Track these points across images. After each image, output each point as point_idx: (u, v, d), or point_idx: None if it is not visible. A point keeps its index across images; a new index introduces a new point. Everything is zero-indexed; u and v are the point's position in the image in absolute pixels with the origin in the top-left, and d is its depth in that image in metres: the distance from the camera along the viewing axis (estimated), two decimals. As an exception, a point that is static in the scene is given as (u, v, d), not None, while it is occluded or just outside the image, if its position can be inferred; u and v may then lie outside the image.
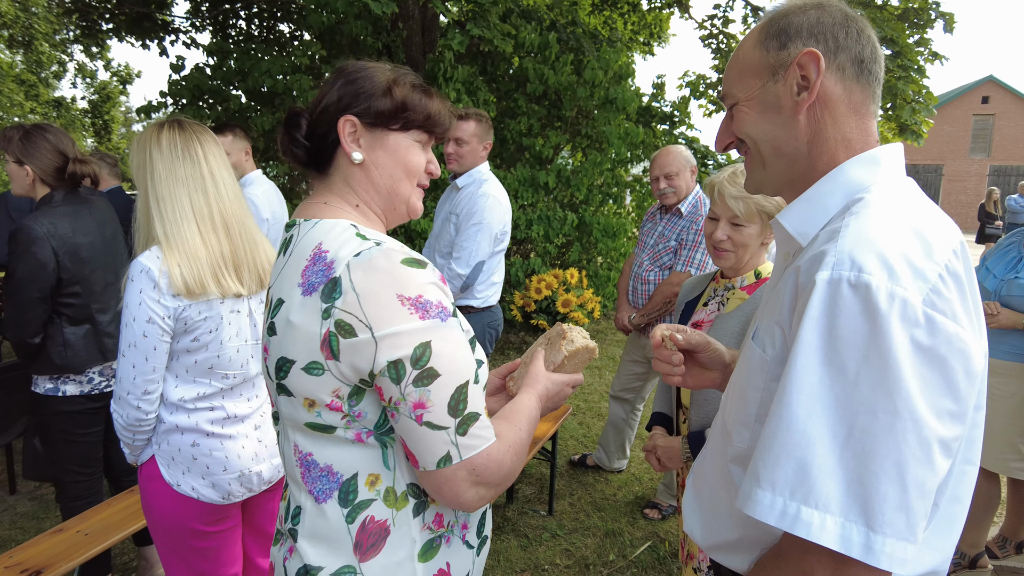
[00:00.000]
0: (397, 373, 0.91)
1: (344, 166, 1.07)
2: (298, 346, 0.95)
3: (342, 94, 1.04)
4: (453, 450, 0.94)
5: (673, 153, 3.23)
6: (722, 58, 10.74)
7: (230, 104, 6.41)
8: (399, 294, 0.91)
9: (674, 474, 3.57)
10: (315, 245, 0.98)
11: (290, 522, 1.04)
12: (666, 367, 1.21)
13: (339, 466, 0.99)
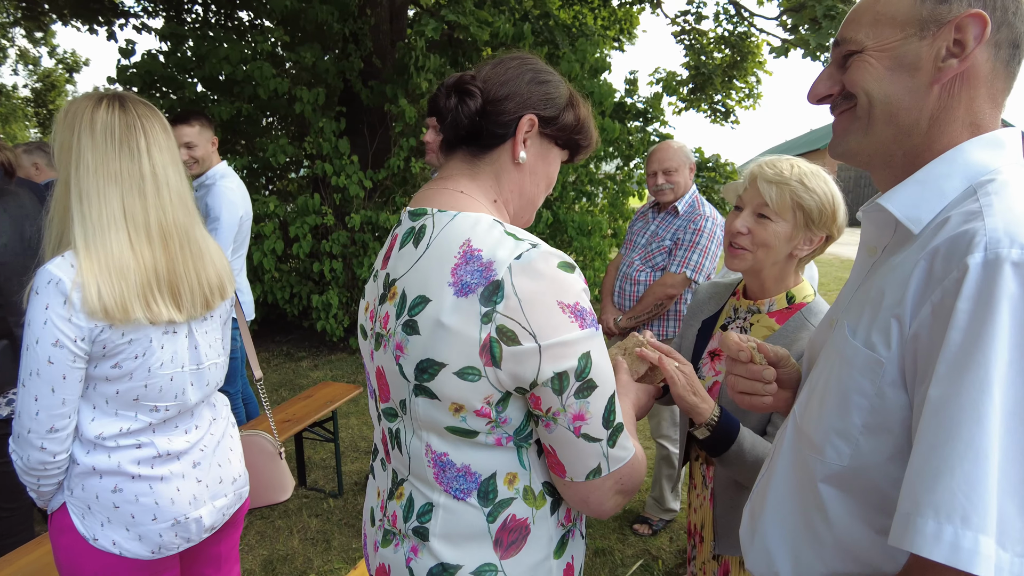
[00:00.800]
0: (560, 384, 0.89)
1: (503, 161, 1.02)
2: (452, 349, 0.89)
3: (532, 91, 1.00)
4: (604, 463, 0.94)
5: (673, 148, 3.00)
6: (694, 55, 10.66)
7: (185, 92, 6.01)
8: (560, 301, 0.88)
9: (664, 486, 3.40)
10: (463, 241, 0.92)
11: (415, 521, 1.00)
12: (754, 386, 1.03)
13: (477, 466, 0.97)
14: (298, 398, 3.54)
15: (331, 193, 5.94)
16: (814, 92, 0.90)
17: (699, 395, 1.34)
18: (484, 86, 1.00)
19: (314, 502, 3.51)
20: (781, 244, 1.46)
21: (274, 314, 6.79)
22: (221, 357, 1.53)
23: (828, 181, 1.44)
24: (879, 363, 0.78)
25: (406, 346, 0.94)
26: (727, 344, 1.05)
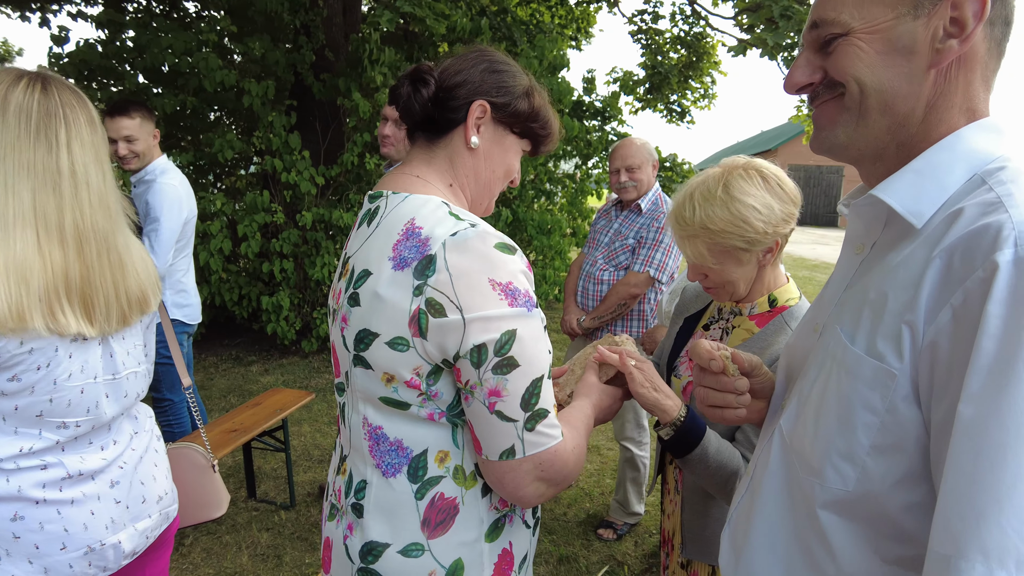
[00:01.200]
0: (479, 357, 0.91)
1: (456, 145, 1.07)
2: (385, 320, 0.93)
3: (485, 79, 1.05)
4: (518, 444, 0.94)
5: (636, 144, 2.93)
6: (651, 55, 10.70)
7: (125, 84, 5.69)
8: (491, 278, 0.91)
9: (628, 490, 3.33)
10: (407, 220, 0.96)
11: (353, 496, 1.02)
12: (726, 398, 0.94)
13: (409, 441, 0.98)
14: (246, 406, 3.35)
15: (281, 190, 5.71)
16: (792, 81, 0.82)
17: (661, 391, 1.28)
18: (440, 76, 1.04)
19: (264, 515, 3.32)
20: (739, 272, 1.39)
21: (222, 316, 6.51)
22: (143, 365, 1.37)
23: (732, 203, 1.29)
24: (890, 375, 0.69)
25: (349, 318, 0.99)
26: (698, 352, 0.95)
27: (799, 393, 0.83)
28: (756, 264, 1.39)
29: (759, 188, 1.31)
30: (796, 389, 0.85)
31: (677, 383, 1.54)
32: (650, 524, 3.36)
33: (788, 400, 0.88)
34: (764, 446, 0.91)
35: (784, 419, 0.85)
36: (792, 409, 0.84)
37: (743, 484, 0.97)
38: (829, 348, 0.78)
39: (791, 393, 0.88)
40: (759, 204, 1.29)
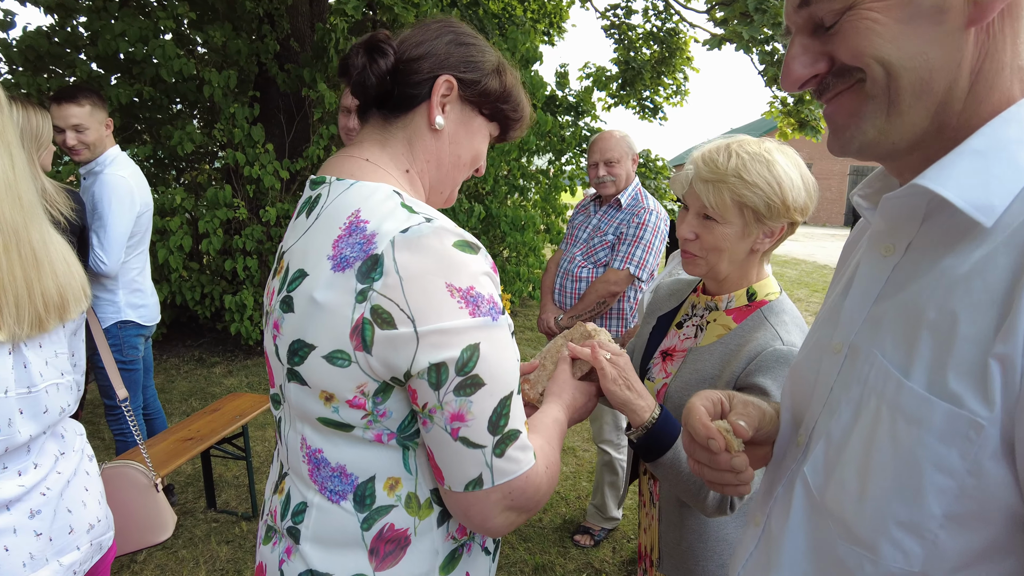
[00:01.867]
0: (438, 378, 0.79)
1: (417, 125, 0.94)
2: (322, 330, 0.81)
3: (451, 52, 0.93)
4: (486, 473, 0.82)
5: (615, 137, 2.82)
6: (623, 50, 10.65)
7: (76, 72, 5.41)
8: (448, 283, 0.78)
9: (606, 494, 3.23)
10: (351, 212, 0.84)
11: (290, 519, 0.91)
12: (723, 477, 0.78)
13: (354, 467, 0.86)
14: (203, 412, 3.17)
15: (244, 185, 5.49)
16: (792, 76, 0.67)
17: (634, 390, 1.19)
18: (399, 46, 0.92)
19: (224, 527, 3.14)
20: (734, 244, 1.30)
21: (184, 316, 6.26)
22: (68, 376, 1.22)
23: (773, 165, 1.24)
24: (974, 426, 0.55)
25: (282, 325, 0.86)
26: (692, 427, 0.79)
27: (827, 436, 0.69)
28: (751, 245, 1.30)
29: (794, 167, 1.27)
30: (820, 429, 0.71)
31: (650, 386, 1.44)
32: (628, 529, 3.26)
33: (808, 440, 0.74)
34: (780, 494, 0.77)
35: (810, 468, 0.70)
36: (818, 455, 0.69)
37: (750, 534, 0.83)
38: (869, 381, 0.64)
39: (812, 432, 0.73)
40: (793, 177, 1.25)
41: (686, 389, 1.33)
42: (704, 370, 1.32)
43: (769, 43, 5.67)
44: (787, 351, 1.22)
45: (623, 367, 1.18)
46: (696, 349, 1.38)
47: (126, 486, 1.55)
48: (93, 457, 1.33)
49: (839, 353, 0.71)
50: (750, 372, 1.23)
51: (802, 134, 7.50)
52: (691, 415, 0.80)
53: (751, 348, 1.25)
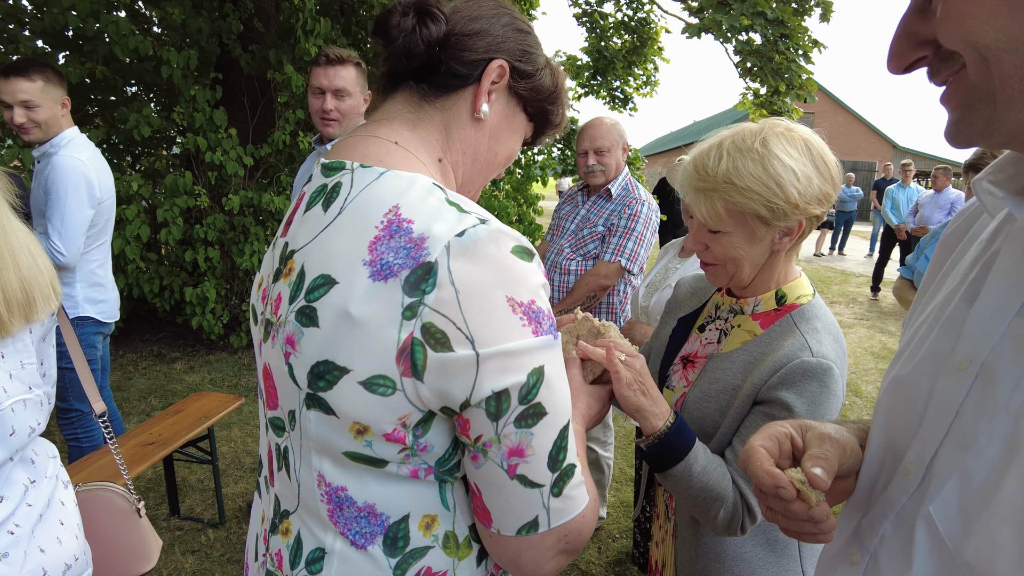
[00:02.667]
0: (498, 407, 0.67)
1: (459, 111, 0.82)
2: (359, 351, 0.66)
3: (508, 36, 0.82)
4: (542, 515, 0.72)
5: (606, 124, 2.70)
6: (595, 39, 10.55)
7: (20, 48, 5.06)
8: (510, 297, 0.66)
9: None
10: (388, 208, 0.69)
11: (304, 568, 0.77)
12: (802, 527, 0.68)
13: (384, 506, 0.74)
14: (166, 413, 2.96)
15: (205, 171, 5.23)
16: (897, 57, 0.59)
17: (649, 396, 1.09)
18: (451, 15, 0.79)
19: (189, 535, 2.95)
20: (747, 250, 1.18)
21: (142, 309, 5.96)
22: (36, 390, 1.05)
23: (768, 160, 1.09)
24: None
25: (299, 341, 0.72)
26: (755, 474, 0.68)
27: (962, 474, 0.58)
28: (769, 247, 1.18)
29: (801, 154, 1.11)
30: (948, 463, 0.60)
31: (669, 395, 1.34)
32: (613, 528, 3.18)
33: (927, 473, 0.63)
34: (888, 533, 0.66)
35: (938, 510, 0.59)
36: (950, 497, 0.58)
37: (846, 572, 0.71)
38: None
39: (932, 464, 0.62)
40: (798, 169, 1.10)
41: (705, 400, 1.23)
42: (725, 379, 1.21)
43: (745, 33, 5.62)
44: (815, 364, 1.10)
45: (639, 370, 1.08)
46: (717, 356, 1.26)
47: (104, 512, 1.37)
48: (69, 483, 1.16)
49: (964, 371, 0.60)
50: (773, 385, 1.12)
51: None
52: (751, 460, 0.69)
53: (777, 358, 1.14)
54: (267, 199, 5.06)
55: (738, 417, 1.16)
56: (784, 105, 7.19)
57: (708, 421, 1.21)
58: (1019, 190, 0.61)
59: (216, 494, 3.09)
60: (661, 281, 2.36)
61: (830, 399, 1.11)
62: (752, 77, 6.43)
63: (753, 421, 1.14)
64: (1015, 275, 0.59)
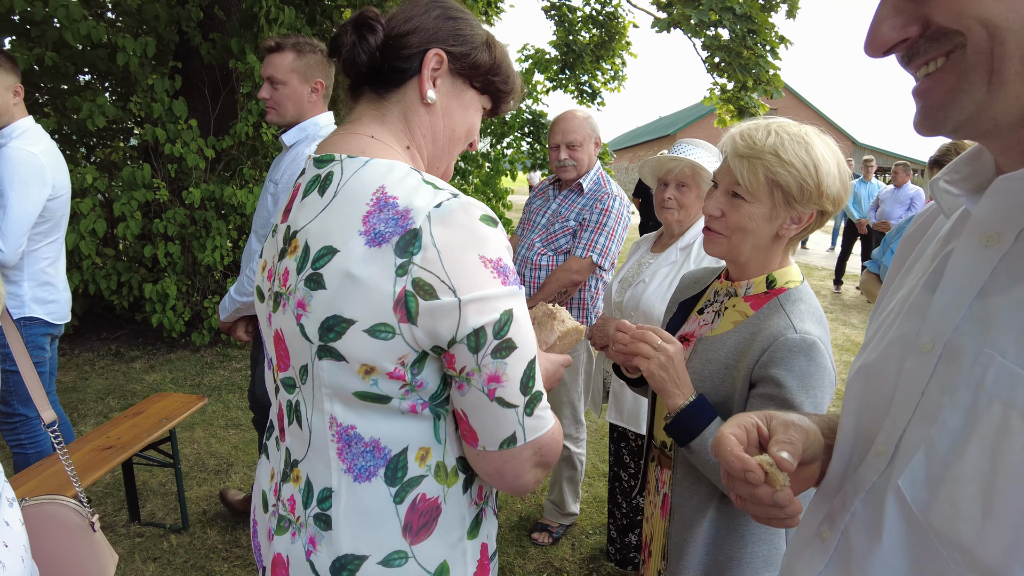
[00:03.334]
0: (477, 341, 0.83)
1: (410, 101, 0.96)
2: (362, 304, 0.81)
3: (440, 26, 0.95)
4: (519, 431, 0.88)
5: (578, 119, 2.66)
6: (563, 32, 10.53)
7: (-37, 34, 4.82)
8: (481, 255, 0.83)
9: (564, 489, 3.13)
10: (375, 188, 0.85)
11: (316, 507, 0.90)
12: (768, 512, 0.72)
13: (387, 440, 0.88)
14: (125, 415, 2.85)
15: (165, 164, 5.06)
16: (879, 39, 0.58)
17: (672, 377, 1.25)
18: (388, 22, 0.94)
19: (151, 541, 2.85)
20: (760, 226, 1.27)
21: (99, 307, 5.75)
22: None
23: (812, 147, 1.22)
24: None
25: (309, 303, 0.85)
26: (724, 459, 0.72)
27: (927, 446, 0.60)
28: (776, 230, 1.28)
29: (832, 154, 1.25)
30: (915, 437, 0.62)
31: None
32: (587, 524, 3.17)
33: (895, 450, 0.65)
34: (859, 509, 0.68)
35: (906, 482, 0.62)
36: (918, 468, 0.61)
37: (814, 550, 0.74)
38: (986, 385, 0.56)
39: (900, 441, 0.65)
40: (832, 166, 1.23)
41: (700, 380, 1.30)
42: (717, 360, 1.30)
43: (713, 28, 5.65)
44: (799, 340, 1.19)
45: (671, 355, 1.25)
46: (707, 338, 1.35)
47: (54, 528, 1.29)
48: (14, 500, 1.08)
49: (929, 353, 0.63)
50: (763, 364, 1.21)
51: (740, 119, 7.60)
52: (721, 446, 0.73)
53: (763, 338, 1.23)
54: (229, 192, 4.92)
55: (741, 401, 1.24)
56: (751, 101, 7.27)
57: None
58: (975, 188, 0.64)
59: (179, 498, 2.99)
60: (635, 276, 2.34)
61: (821, 373, 1.19)
62: (720, 73, 6.47)
63: (754, 406, 1.22)
64: (972, 262, 0.62)
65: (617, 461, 2.43)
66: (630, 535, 2.42)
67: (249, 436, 3.90)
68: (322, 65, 2.35)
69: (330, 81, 2.40)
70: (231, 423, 4.11)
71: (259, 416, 2.81)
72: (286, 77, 2.30)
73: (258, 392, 2.52)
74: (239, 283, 2.31)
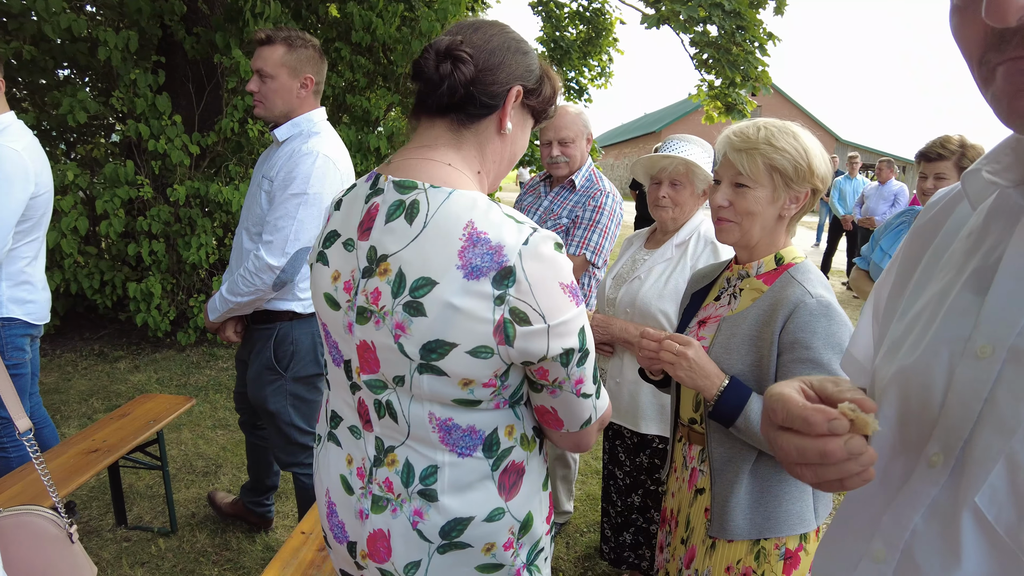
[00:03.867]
0: (567, 358, 0.99)
1: (488, 131, 1.06)
2: (464, 331, 0.94)
3: (518, 62, 1.03)
4: (593, 414, 1.09)
5: (571, 114, 2.63)
6: (550, 28, 10.50)
7: (-62, 27, 4.71)
8: (561, 283, 0.96)
9: (559, 488, 3.11)
10: (465, 223, 0.95)
11: (419, 484, 1.05)
12: (849, 467, 0.62)
13: (481, 425, 1.04)
14: (110, 417, 2.80)
15: (148, 160, 4.97)
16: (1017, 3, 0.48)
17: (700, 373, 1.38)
18: (475, 54, 0.99)
19: (138, 545, 2.80)
20: (765, 208, 1.44)
21: (81, 306, 5.66)
22: None
23: (798, 135, 1.42)
24: None
25: (409, 326, 0.96)
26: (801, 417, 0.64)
27: (1009, 460, 0.55)
28: (779, 211, 1.44)
29: (816, 143, 1.44)
30: (988, 449, 0.57)
31: None
32: (580, 522, 3.17)
33: (960, 463, 0.60)
34: (920, 527, 0.63)
35: (985, 499, 0.57)
36: (998, 484, 0.56)
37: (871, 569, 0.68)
38: None
39: (964, 452, 0.60)
40: (817, 149, 1.42)
41: (727, 352, 1.43)
42: (741, 332, 1.42)
43: (702, 24, 5.65)
44: (816, 304, 1.34)
45: (691, 358, 1.38)
46: (729, 318, 1.48)
47: (30, 540, 1.24)
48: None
49: (988, 358, 0.59)
50: (789, 330, 1.35)
51: (728, 117, 7.62)
52: (789, 406, 0.65)
53: (784, 305, 1.37)
54: (215, 189, 4.85)
55: (771, 366, 1.37)
56: (738, 97, 7.29)
57: (733, 370, 1.42)
58: (1019, 180, 0.61)
59: (167, 501, 2.94)
60: (629, 273, 2.32)
61: (842, 329, 1.34)
62: (708, 69, 6.48)
63: (791, 372, 1.34)
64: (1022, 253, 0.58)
65: (612, 459, 2.41)
66: (624, 534, 2.41)
67: (237, 437, 3.85)
68: (313, 61, 2.30)
69: (321, 77, 2.35)
70: (219, 423, 4.06)
71: (246, 418, 2.77)
72: (275, 71, 2.25)
73: (249, 394, 2.48)
74: (232, 283, 2.25)
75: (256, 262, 2.18)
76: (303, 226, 2.18)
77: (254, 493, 2.90)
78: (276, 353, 2.36)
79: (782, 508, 1.42)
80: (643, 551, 2.38)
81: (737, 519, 1.44)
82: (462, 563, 1.07)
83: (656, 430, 2.23)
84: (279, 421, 2.43)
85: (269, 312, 2.34)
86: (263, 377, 2.39)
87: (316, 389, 2.48)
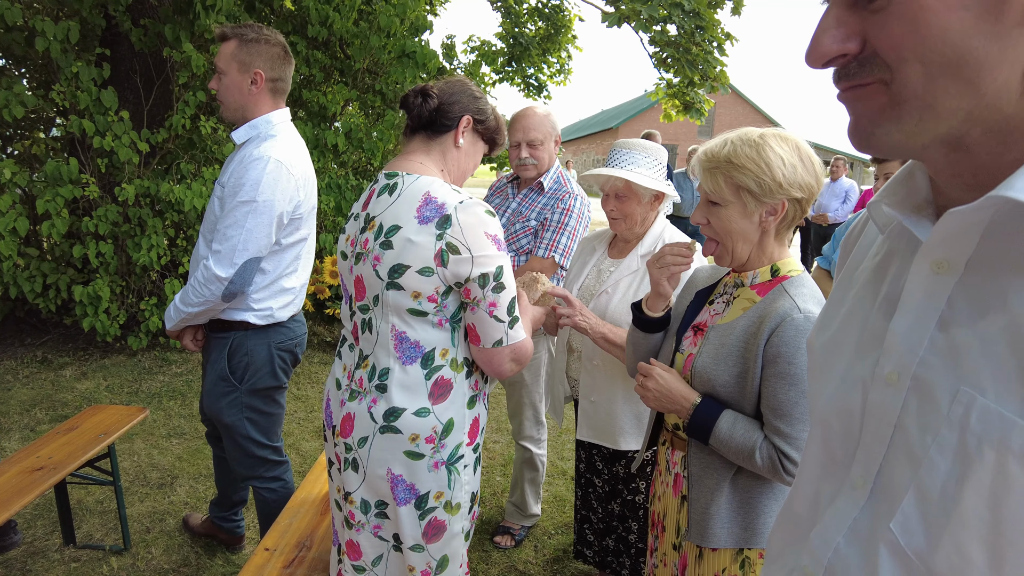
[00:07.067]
0: (483, 281, 1.43)
1: (448, 144, 1.58)
2: (415, 256, 1.41)
3: (469, 102, 1.58)
4: (504, 337, 1.49)
5: (538, 115, 2.59)
6: (509, 24, 10.44)
7: None
8: (485, 232, 1.43)
9: (526, 491, 3.09)
10: (424, 192, 1.45)
11: (377, 379, 1.50)
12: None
13: (424, 342, 1.48)
14: (57, 431, 2.66)
15: (94, 158, 4.75)
16: (819, 50, 0.56)
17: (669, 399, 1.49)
18: (440, 94, 1.56)
19: (88, 566, 2.67)
20: (741, 224, 1.43)
21: (21, 310, 5.38)
22: None
23: (763, 148, 1.37)
24: None
25: (383, 257, 1.45)
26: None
27: (917, 489, 0.57)
28: (759, 225, 1.42)
29: (790, 150, 1.39)
30: (898, 478, 0.59)
31: (680, 357, 1.57)
32: (548, 525, 3.15)
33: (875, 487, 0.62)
34: (842, 547, 0.65)
35: (899, 527, 0.58)
36: (910, 512, 0.58)
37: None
38: (971, 427, 0.53)
39: (878, 478, 0.62)
40: (785, 158, 1.37)
41: (714, 363, 1.44)
42: (729, 343, 1.43)
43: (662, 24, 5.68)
44: (803, 320, 1.34)
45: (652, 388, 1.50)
46: (717, 326, 1.49)
47: None
48: None
49: (894, 385, 0.60)
50: (773, 344, 1.35)
51: (686, 116, 7.71)
52: None
53: (771, 318, 1.37)
54: (166, 188, 4.66)
55: (756, 379, 1.38)
56: (696, 96, 7.38)
57: (719, 380, 1.43)
58: (915, 208, 0.63)
59: (119, 516, 2.81)
60: (596, 286, 2.23)
61: None
62: (667, 68, 6.53)
63: (770, 386, 1.36)
64: (925, 289, 0.60)
65: (589, 467, 2.39)
66: (607, 539, 2.40)
67: (194, 446, 3.71)
68: (266, 56, 2.15)
69: (278, 74, 2.21)
70: (173, 432, 3.90)
71: (212, 429, 2.65)
72: (226, 66, 2.13)
73: (205, 405, 2.38)
74: (184, 293, 2.15)
75: (204, 272, 2.08)
76: (251, 235, 2.07)
77: (221, 508, 2.78)
78: (230, 364, 2.27)
79: (761, 520, 1.43)
80: (623, 559, 2.38)
81: (715, 527, 1.45)
82: (395, 445, 1.47)
83: (636, 445, 2.18)
84: (235, 434, 2.34)
85: (224, 321, 2.25)
86: (218, 388, 2.29)
87: (274, 402, 2.39)
